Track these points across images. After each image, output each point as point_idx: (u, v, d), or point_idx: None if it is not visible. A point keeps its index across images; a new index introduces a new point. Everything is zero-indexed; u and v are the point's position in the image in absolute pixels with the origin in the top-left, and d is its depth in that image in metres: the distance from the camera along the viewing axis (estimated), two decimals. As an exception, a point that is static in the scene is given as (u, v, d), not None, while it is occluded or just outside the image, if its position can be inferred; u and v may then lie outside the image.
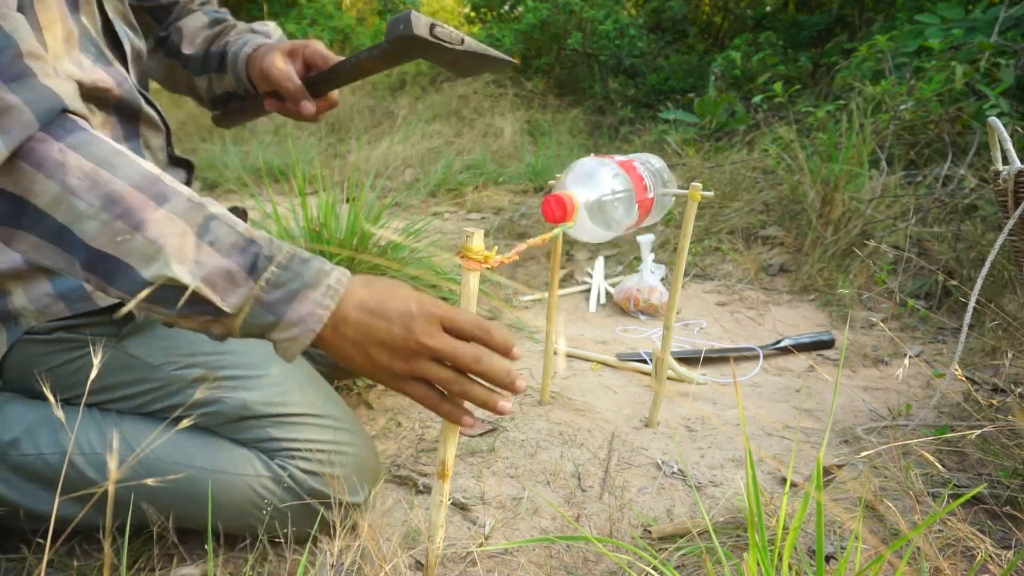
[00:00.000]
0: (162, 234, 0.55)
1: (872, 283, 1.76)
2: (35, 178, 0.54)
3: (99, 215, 0.54)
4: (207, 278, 0.56)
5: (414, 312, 0.60)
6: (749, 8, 4.62)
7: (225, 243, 0.57)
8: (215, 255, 0.57)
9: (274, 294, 0.58)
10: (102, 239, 0.54)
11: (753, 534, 0.58)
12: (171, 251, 0.55)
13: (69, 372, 0.75)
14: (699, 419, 1.18)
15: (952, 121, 2.15)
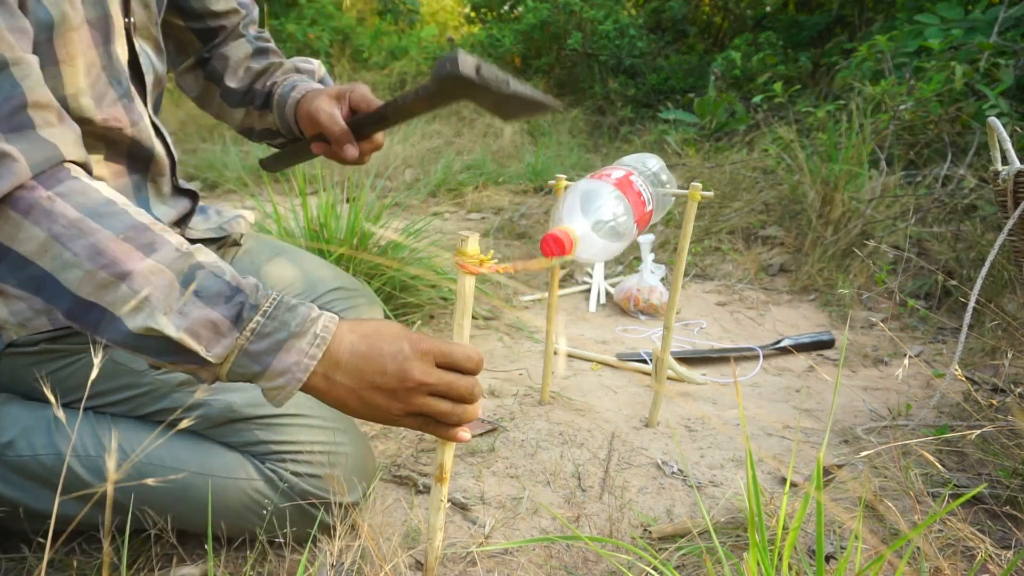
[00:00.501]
0: (148, 284, 0.55)
1: (872, 283, 1.76)
2: (21, 225, 0.54)
3: (84, 264, 0.54)
4: (191, 329, 0.55)
5: (407, 352, 0.59)
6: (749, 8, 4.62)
7: (211, 292, 0.57)
8: (200, 305, 0.56)
9: (259, 344, 0.57)
10: (87, 288, 0.54)
11: (753, 534, 0.58)
12: (156, 302, 0.55)
13: (59, 380, 0.75)
14: (699, 419, 1.18)
15: (952, 121, 2.15)
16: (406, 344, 0.60)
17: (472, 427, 1.11)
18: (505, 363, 1.39)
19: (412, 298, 1.51)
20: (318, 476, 0.78)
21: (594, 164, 3.12)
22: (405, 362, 0.59)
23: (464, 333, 0.65)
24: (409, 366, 0.59)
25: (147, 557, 0.78)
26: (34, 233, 0.54)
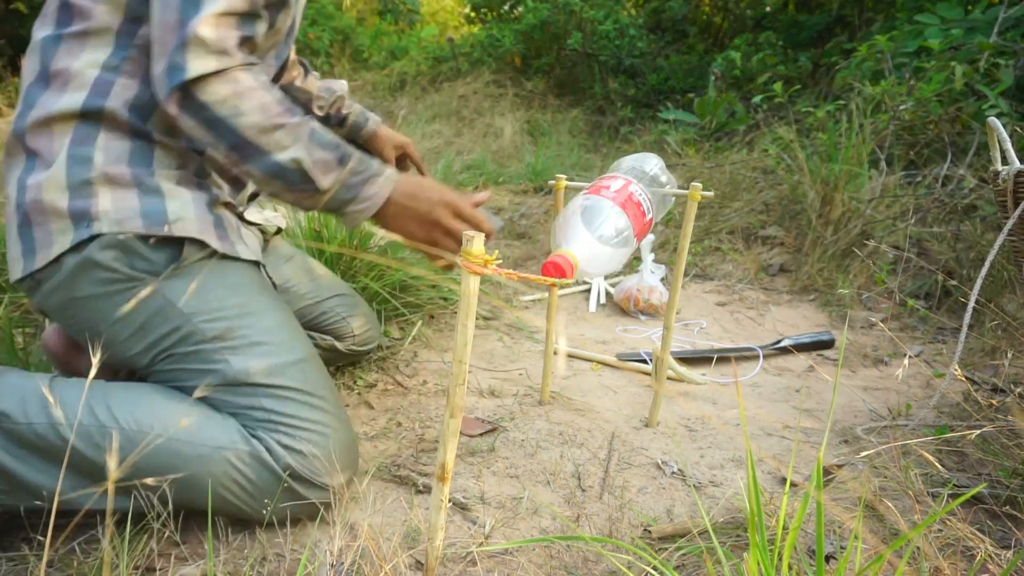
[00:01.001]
0: (293, 134, 0.80)
1: (872, 283, 1.76)
2: (217, 85, 0.78)
3: (252, 115, 0.79)
4: (314, 163, 0.81)
5: (435, 200, 0.86)
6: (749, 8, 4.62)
7: (324, 142, 0.82)
8: (318, 150, 0.82)
9: (355, 179, 0.84)
10: (252, 132, 0.79)
11: (753, 534, 0.58)
12: (297, 145, 0.81)
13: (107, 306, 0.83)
14: (699, 419, 1.18)
15: (952, 121, 2.15)
16: (436, 195, 0.86)
17: (472, 427, 1.11)
18: (505, 363, 1.39)
19: (412, 298, 1.51)
20: (304, 455, 0.82)
21: (594, 164, 3.12)
22: (435, 207, 0.86)
23: (468, 333, 0.65)
24: (437, 211, 0.86)
25: (147, 554, 0.78)
26: (221, 90, 0.78)
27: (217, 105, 0.77)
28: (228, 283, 0.86)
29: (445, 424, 0.69)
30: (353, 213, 0.85)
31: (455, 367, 0.67)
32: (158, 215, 0.83)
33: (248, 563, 0.77)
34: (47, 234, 0.81)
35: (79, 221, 0.80)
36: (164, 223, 0.82)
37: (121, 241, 0.81)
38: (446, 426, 0.69)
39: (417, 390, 1.25)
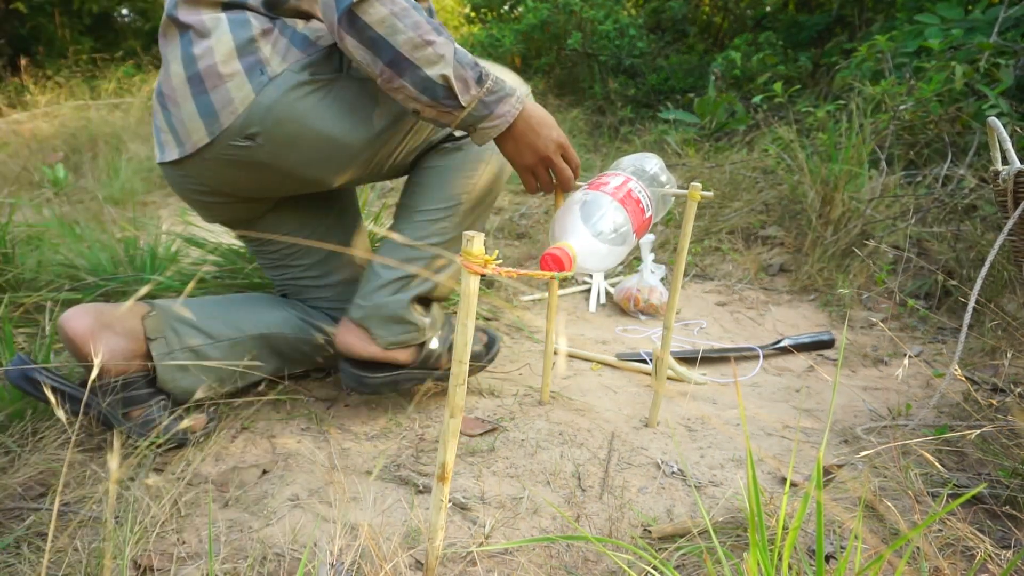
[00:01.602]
0: (441, 50, 0.88)
1: (872, 283, 1.76)
2: (373, 3, 0.86)
3: (407, 32, 0.87)
4: (458, 80, 0.90)
5: (553, 138, 0.98)
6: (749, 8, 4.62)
7: (465, 61, 0.91)
8: (460, 68, 0.90)
9: (491, 97, 0.92)
10: (406, 48, 0.87)
11: (753, 534, 0.58)
12: (445, 61, 0.89)
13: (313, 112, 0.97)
14: (699, 419, 1.18)
15: (952, 121, 2.15)
16: (555, 133, 0.98)
17: (472, 427, 1.11)
18: (505, 363, 1.39)
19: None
20: None
21: (594, 164, 3.12)
22: (548, 143, 0.98)
23: (468, 333, 0.65)
24: (549, 146, 0.98)
25: (147, 554, 0.78)
26: (380, 10, 0.86)
27: (377, 24, 0.87)
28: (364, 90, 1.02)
29: (445, 424, 0.69)
30: (484, 130, 0.94)
31: (455, 367, 0.67)
32: (305, 40, 0.97)
33: (248, 563, 0.77)
34: (225, 92, 0.94)
35: (251, 72, 0.94)
36: (311, 44, 0.97)
37: (300, 64, 0.96)
38: (446, 426, 0.69)
39: (417, 390, 1.25)
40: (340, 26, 0.88)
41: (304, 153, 0.99)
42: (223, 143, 0.96)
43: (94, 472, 0.96)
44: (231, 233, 1.25)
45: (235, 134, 0.95)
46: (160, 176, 3.08)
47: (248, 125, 0.95)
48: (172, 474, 0.97)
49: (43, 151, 3.28)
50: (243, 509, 0.90)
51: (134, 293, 1.42)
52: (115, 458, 0.47)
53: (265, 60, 0.94)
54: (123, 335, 0.99)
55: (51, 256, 1.53)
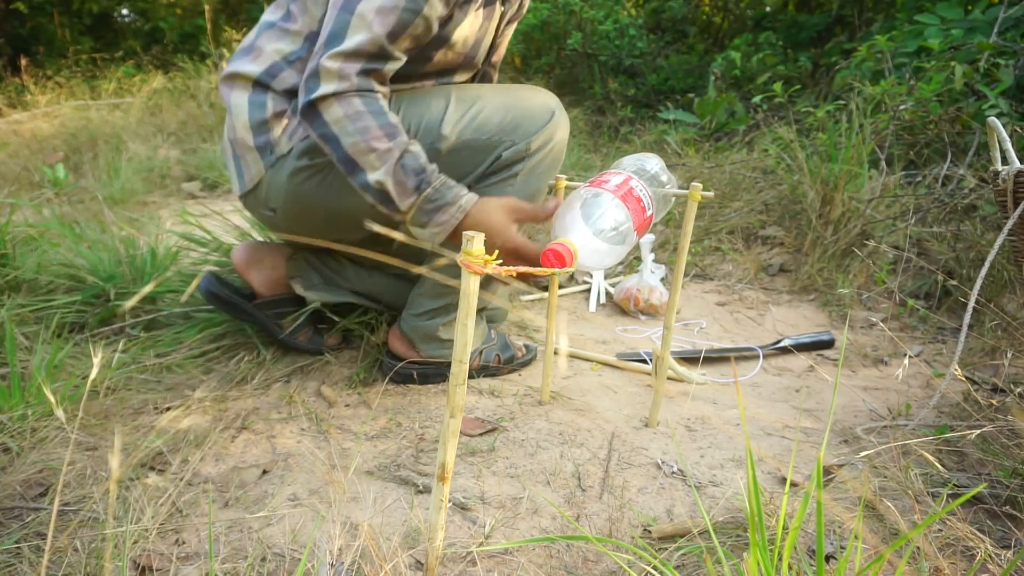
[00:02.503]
0: (381, 159, 0.96)
1: (872, 283, 1.76)
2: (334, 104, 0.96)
3: (355, 135, 0.96)
4: (395, 187, 0.97)
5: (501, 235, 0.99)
6: (749, 8, 4.62)
7: (409, 168, 0.97)
8: (403, 174, 0.97)
9: (428, 205, 0.98)
10: (353, 150, 0.97)
11: (753, 534, 0.58)
12: (384, 169, 0.97)
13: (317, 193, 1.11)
14: (699, 419, 1.18)
15: (952, 121, 2.15)
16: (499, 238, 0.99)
17: (472, 427, 1.11)
18: (505, 363, 1.39)
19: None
20: None
21: (594, 164, 3.12)
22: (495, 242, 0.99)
23: (468, 333, 0.65)
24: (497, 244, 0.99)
25: (146, 553, 0.78)
26: (336, 111, 0.96)
27: (331, 123, 0.97)
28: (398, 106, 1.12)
29: (445, 424, 0.69)
30: (429, 235, 1.01)
31: (455, 367, 0.67)
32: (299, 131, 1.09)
33: (248, 563, 0.77)
34: (247, 162, 1.12)
35: (263, 151, 1.10)
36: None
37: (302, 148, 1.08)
38: (446, 426, 0.69)
39: (417, 390, 1.25)
40: (302, 116, 1.00)
41: (318, 224, 1.15)
42: (252, 203, 1.17)
43: (94, 472, 0.96)
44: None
45: (260, 203, 1.15)
46: (160, 176, 3.09)
47: (267, 200, 1.14)
48: (172, 474, 0.97)
49: (43, 151, 3.28)
50: (243, 509, 0.90)
51: (135, 294, 1.42)
52: (115, 458, 0.47)
53: (275, 141, 1.09)
54: (269, 268, 1.27)
55: (51, 256, 1.53)
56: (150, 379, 1.24)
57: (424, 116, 1.08)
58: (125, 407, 1.15)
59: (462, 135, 1.08)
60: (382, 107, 0.98)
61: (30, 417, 1.02)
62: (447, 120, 1.07)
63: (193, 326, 1.38)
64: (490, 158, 1.10)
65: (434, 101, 1.09)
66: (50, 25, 5.87)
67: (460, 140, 1.08)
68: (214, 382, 1.25)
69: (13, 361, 1.08)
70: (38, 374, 1.09)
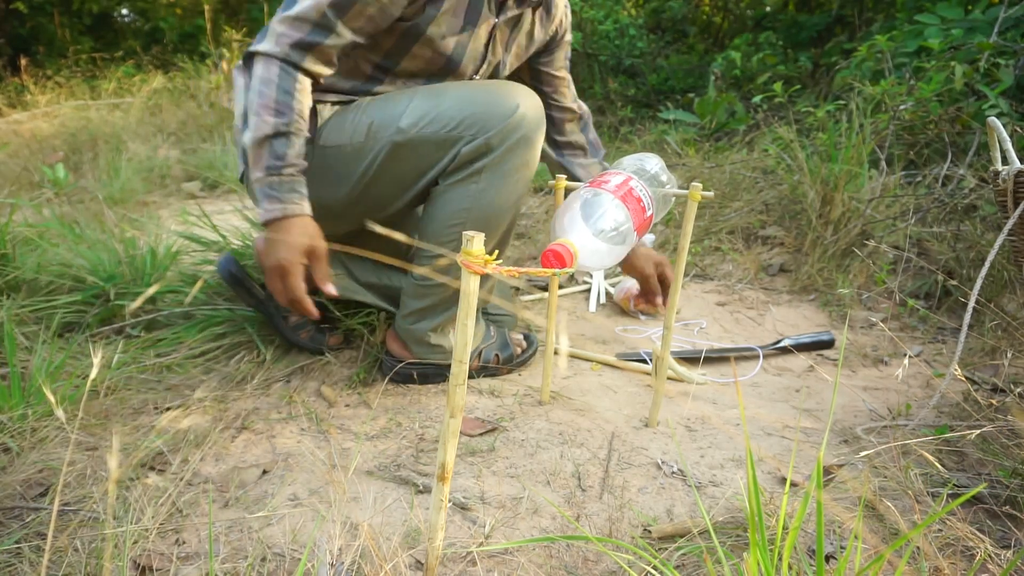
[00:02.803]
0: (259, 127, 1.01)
1: (872, 283, 1.76)
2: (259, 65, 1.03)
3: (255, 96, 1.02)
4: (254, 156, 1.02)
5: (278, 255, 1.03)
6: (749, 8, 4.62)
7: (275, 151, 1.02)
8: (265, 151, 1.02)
9: (264, 190, 1.02)
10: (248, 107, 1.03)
11: (753, 534, 0.58)
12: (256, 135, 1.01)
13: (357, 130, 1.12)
14: (699, 419, 1.18)
15: (952, 121, 2.15)
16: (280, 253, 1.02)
17: (472, 427, 1.11)
18: (505, 363, 1.39)
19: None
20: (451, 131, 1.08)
21: (594, 164, 3.12)
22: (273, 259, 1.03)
23: (468, 333, 0.65)
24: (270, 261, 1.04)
25: (146, 553, 0.78)
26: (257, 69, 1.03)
27: (247, 80, 1.04)
28: None
29: (445, 424, 0.69)
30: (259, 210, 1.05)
31: (455, 367, 0.67)
32: None
33: (248, 563, 0.77)
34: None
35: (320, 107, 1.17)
36: None
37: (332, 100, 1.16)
38: (446, 426, 0.69)
39: (417, 390, 1.25)
40: (243, 61, 1.06)
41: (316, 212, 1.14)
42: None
43: (94, 472, 0.96)
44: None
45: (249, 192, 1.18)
46: (160, 176, 3.09)
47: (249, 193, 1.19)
48: (172, 474, 0.97)
49: (43, 151, 3.28)
50: (243, 509, 0.90)
51: (135, 294, 1.42)
52: (115, 458, 0.47)
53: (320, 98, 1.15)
54: None
55: (51, 256, 1.53)
56: (150, 379, 1.24)
57: (385, 110, 1.09)
58: (125, 407, 1.15)
59: (422, 130, 1.07)
60: (293, 86, 1.02)
61: (30, 417, 1.02)
62: (407, 113, 1.07)
63: (193, 326, 1.38)
64: (449, 154, 1.08)
65: (401, 96, 1.10)
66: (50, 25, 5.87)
67: (419, 134, 1.07)
68: (214, 382, 1.25)
69: (13, 361, 1.08)
70: (38, 374, 1.09)
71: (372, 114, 1.10)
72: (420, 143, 1.07)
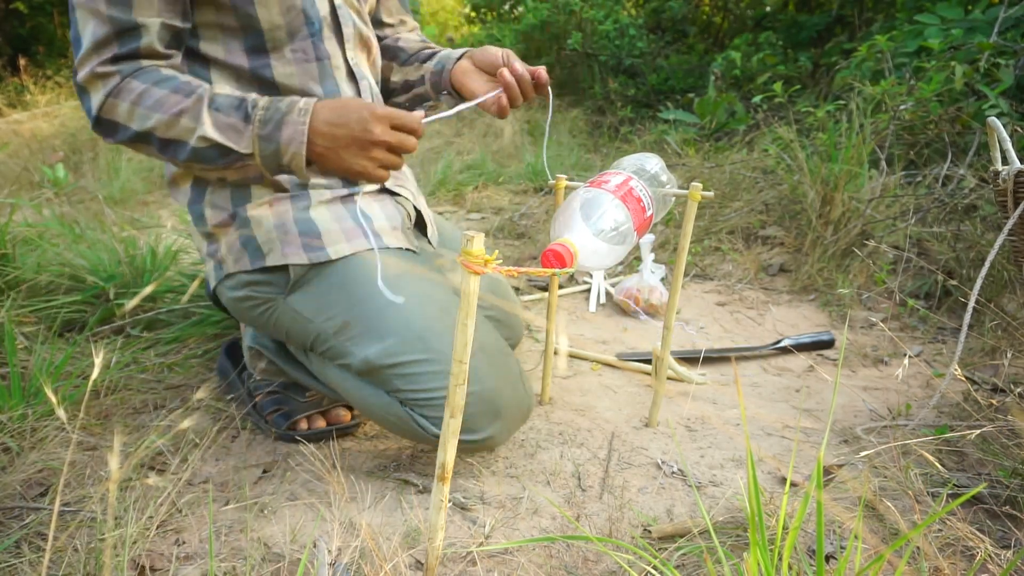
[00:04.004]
0: (192, 119, 0.82)
1: (872, 283, 1.76)
2: (116, 103, 0.84)
3: (154, 114, 0.82)
4: (223, 134, 0.82)
5: (368, 117, 0.82)
6: (749, 8, 4.62)
7: (225, 105, 0.83)
8: (221, 116, 0.83)
9: (266, 128, 0.83)
10: (162, 130, 0.83)
11: (753, 534, 0.58)
12: (200, 125, 0.82)
13: (261, 323, 1.00)
14: (699, 419, 1.18)
15: (952, 121, 2.15)
16: (367, 112, 0.82)
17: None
18: (505, 363, 1.39)
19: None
20: None
21: (594, 164, 3.12)
22: (368, 124, 0.82)
23: (468, 333, 0.65)
24: (372, 127, 0.82)
25: (147, 554, 0.78)
26: (122, 105, 0.83)
27: (127, 120, 0.84)
28: (334, 282, 0.93)
29: (445, 424, 0.69)
30: (290, 165, 0.84)
31: (455, 367, 0.67)
32: (255, 249, 0.94)
33: (248, 563, 0.77)
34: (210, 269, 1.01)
35: (216, 264, 0.99)
36: (261, 256, 0.94)
37: (244, 279, 0.96)
38: (446, 426, 0.69)
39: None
40: (101, 136, 0.88)
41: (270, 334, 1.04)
42: None
43: (94, 472, 0.96)
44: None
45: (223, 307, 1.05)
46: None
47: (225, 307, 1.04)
48: (172, 474, 0.97)
49: (43, 151, 3.28)
50: (243, 509, 0.90)
51: (135, 294, 1.42)
52: (115, 458, 0.47)
53: (222, 258, 0.98)
54: None
55: (51, 256, 1.53)
56: (150, 379, 1.24)
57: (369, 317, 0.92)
58: (125, 407, 1.15)
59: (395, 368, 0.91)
60: (164, 74, 0.85)
61: (30, 417, 1.02)
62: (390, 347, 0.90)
63: (193, 325, 1.38)
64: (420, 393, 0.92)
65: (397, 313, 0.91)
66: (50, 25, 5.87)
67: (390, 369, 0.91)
68: (215, 382, 1.25)
69: (13, 361, 1.08)
70: (38, 374, 1.09)
71: (353, 310, 0.92)
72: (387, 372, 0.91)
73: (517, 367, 0.97)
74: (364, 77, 1.01)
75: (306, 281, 0.94)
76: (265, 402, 1.11)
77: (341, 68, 0.97)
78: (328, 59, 0.95)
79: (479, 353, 0.89)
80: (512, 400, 0.93)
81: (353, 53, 0.99)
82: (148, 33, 0.84)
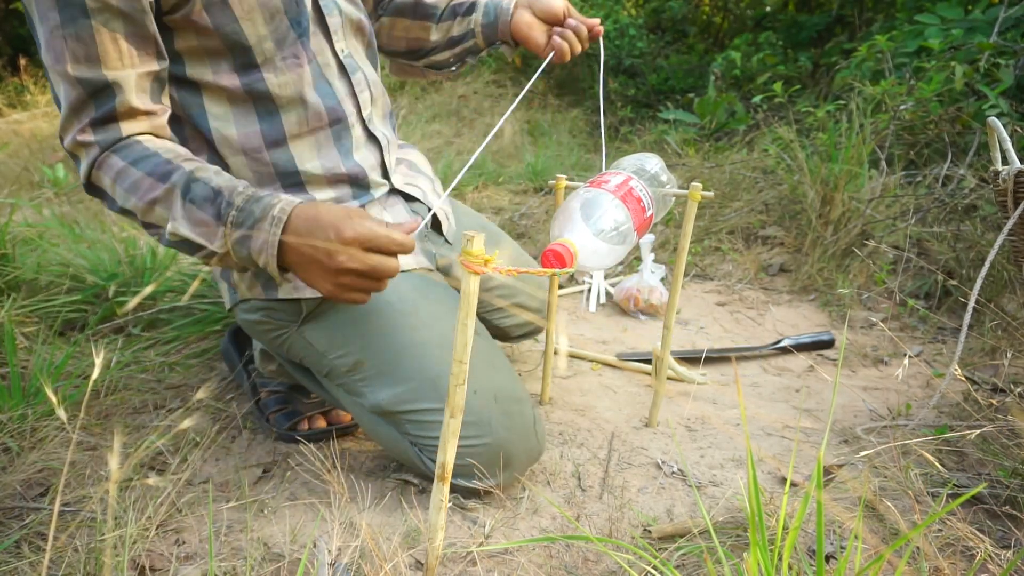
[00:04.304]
0: (166, 209, 0.77)
1: (872, 283, 1.76)
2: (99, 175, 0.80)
3: (131, 197, 0.78)
4: (196, 231, 0.76)
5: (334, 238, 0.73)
6: (749, 8, 4.62)
7: (199, 198, 0.76)
8: (194, 210, 0.76)
9: (238, 232, 0.75)
10: (141, 213, 0.78)
11: (753, 534, 0.58)
12: (173, 218, 0.76)
13: (275, 347, 0.98)
14: (699, 419, 1.18)
15: (952, 121, 2.15)
16: (333, 232, 0.73)
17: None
18: (505, 363, 1.39)
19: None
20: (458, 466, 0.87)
21: (594, 164, 3.12)
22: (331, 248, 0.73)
23: (468, 332, 0.65)
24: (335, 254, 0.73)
25: (147, 554, 0.78)
26: (105, 180, 0.79)
27: (112, 194, 0.80)
28: (347, 317, 0.91)
29: (445, 424, 0.69)
30: (266, 270, 0.77)
31: (455, 367, 0.67)
32: (268, 279, 0.92)
33: (248, 563, 0.77)
34: (224, 290, 1.00)
35: (229, 287, 0.97)
36: (274, 287, 0.91)
37: (258, 304, 0.94)
38: (446, 426, 0.69)
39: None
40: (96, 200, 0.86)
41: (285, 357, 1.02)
42: None
43: (94, 472, 0.96)
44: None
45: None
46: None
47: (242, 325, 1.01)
48: (172, 474, 0.97)
49: (43, 151, 3.28)
50: (243, 509, 0.90)
51: (135, 294, 1.42)
52: (115, 458, 0.47)
53: (235, 283, 0.96)
54: None
55: (51, 256, 1.53)
56: (150, 379, 1.24)
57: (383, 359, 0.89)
58: (125, 407, 1.15)
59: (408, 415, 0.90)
60: (143, 150, 0.78)
61: (30, 417, 1.02)
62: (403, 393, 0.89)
63: (194, 324, 1.38)
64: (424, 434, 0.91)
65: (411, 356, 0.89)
66: (50, 25, 5.87)
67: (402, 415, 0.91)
68: (215, 382, 1.25)
69: (13, 361, 1.08)
70: (38, 374, 1.09)
71: (367, 349, 0.90)
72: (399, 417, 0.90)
73: (531, 413, 0.94)
74: (356, 69, 0.95)
75: (320, 313, 0.92)
76: (269, 400, 1.12)
77: (331, 64, 0.92)
78: (316, 57, 0.91)
79: (492, 403, 0.88)
80: (522, 451, 0.92)
81: (343, 43, 0.94)
82: (122, 90, 0.78)
